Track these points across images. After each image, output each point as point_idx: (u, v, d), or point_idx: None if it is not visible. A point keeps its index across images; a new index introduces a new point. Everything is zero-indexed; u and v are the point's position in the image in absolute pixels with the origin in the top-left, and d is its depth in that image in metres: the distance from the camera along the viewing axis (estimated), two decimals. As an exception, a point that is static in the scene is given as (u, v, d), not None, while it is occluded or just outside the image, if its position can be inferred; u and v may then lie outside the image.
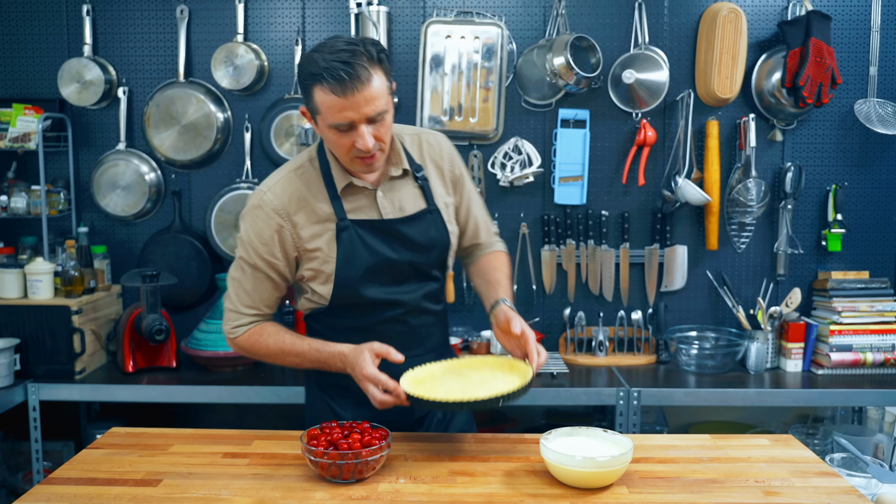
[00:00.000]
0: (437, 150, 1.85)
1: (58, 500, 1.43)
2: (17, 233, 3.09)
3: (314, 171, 1.75)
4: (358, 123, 1.58)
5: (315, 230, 1.72)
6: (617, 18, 3.01)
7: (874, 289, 2.94)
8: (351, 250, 1.71)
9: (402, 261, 1.75)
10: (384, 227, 1.73)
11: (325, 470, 1.47)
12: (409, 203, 1.77)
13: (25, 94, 3.11)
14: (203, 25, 3.07)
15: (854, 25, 3.01)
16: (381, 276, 1.74)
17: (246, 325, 1.79)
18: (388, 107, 1.61)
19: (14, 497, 2.92)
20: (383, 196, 1.75)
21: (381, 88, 1.58)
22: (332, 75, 1.53)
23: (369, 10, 2.92)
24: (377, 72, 1.57)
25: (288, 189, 1.73)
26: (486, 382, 1.61)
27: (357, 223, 1.72)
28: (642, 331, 3.04)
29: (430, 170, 1.83)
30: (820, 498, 1.42)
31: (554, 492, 1.45)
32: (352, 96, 1.54)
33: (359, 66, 1.53)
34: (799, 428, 3.01)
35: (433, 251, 1.79)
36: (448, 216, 1.82)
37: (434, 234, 1.78)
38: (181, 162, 3.08)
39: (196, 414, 3.22)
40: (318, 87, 1.56)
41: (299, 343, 1.76)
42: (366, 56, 1.55)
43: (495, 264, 1.91)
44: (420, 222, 1.77)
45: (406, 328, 1.79)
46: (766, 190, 2.95)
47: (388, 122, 1.64)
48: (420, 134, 1.86)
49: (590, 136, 3.00)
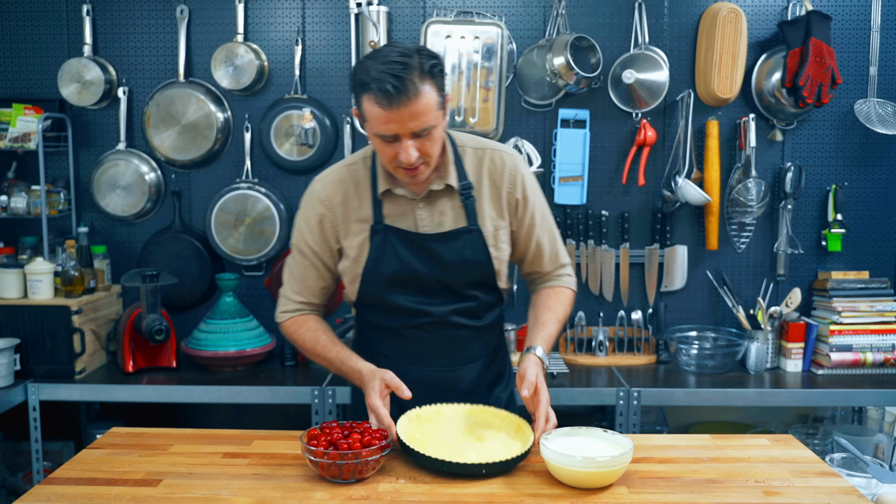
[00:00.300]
0: (500, 170, 1.76)
1: (58, 500, 1.42)
2: (17, 233, 3.09)
3: (364, 170, 1.76)
4: (402, 137, 1.57)
5: (353, 228, 1.75)
6: (617, 18, 3.01)
7: (874, 289, 2.94)
8: (380, 255, 1.72)
9: (429, 276, 1.73)
10: (416, 240, 1.72)
11: (325, 470, 1.47)
12: (448, 219, 1.73)
13: (25, 94, 3.11)
14: (203, 25, 3.07)
15: (854, 25, 3.01)
16: (407, 286, 1.74)
17: (291, 313, 1.84)
18: (436, 122, 1.58)
19: (14, 497, 2.92)
20: (423, 208, 1.73)
21: (429, 104, 1.55)
22: (379, 87, 1.51)
23: (369, 10, 2.92)
24: (427, 86, 1.54)
25: (336, 183, 1.76)
26: (484, 440, 1.56)
27: (392, 230, 1.72)
28: (642, 331, 3.04)
29: (484, 189, 1.76)
30: (820, 498, 1.42)
31: (554, 492, 1.45)
32: (397, 110, 1.52)
33: (408, 80, 1.51)
34: (799, 428, 3.01)
35: (465, 271, 1.74)
36: (495, 239, 1.76)
37: (468, 255, 1.73)
38: (181, 162, 3.08)
39: (196, 414, 3.22)
40: (366, 96, 1.55)
41: (330, 348, 1.78)
42: (417, 70, 1.52)
43: (551, 303, 1.83)
44: (455, 241, 1.73)
45: (432, 337, 1.77)
46: (766, 190, 2.95)
47: (436, 137, 1.61)
48: (487, 150, 1.78)
49: (590, 136, 3.00)
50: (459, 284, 1.75)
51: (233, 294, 2.95)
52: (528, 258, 1.85)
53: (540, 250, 1.84)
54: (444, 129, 1.66)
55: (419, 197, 1.72)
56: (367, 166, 1.76)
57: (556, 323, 1.80)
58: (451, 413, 1.65)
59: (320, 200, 1.76)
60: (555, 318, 1.80)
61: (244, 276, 3.14)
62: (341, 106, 3.08)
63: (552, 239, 1.86)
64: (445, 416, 1.64)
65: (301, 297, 1.83)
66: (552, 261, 1.87)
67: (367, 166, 1.76)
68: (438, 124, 1.61)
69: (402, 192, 1.73)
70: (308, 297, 1.84)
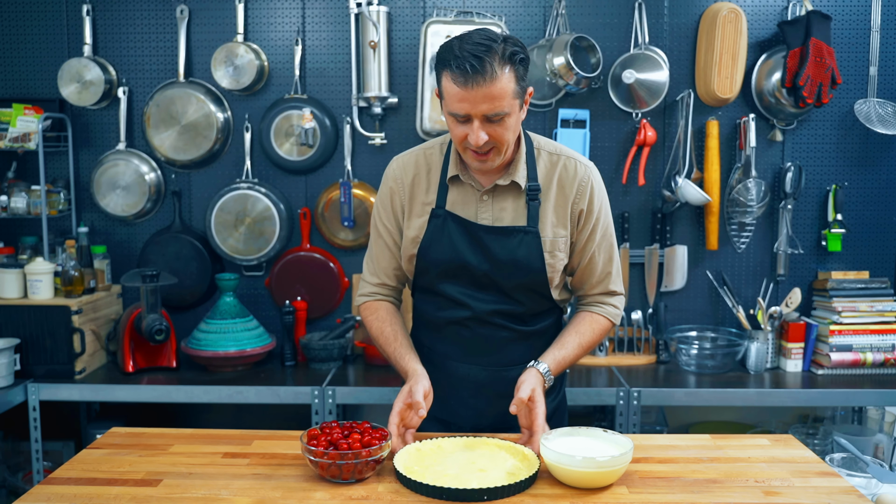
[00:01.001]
0: (571, 177, 1.75)
1: (58, 500, 1.42)
2: (17, 233, 3.09)
3: (439, 155, 1.79)
4: (474, 118, 1.58)
5: (417, 209, 1.77)
6: (617, 18, 3.01)
7: (874, 289, 2.94)
8: (435, 240, 1.74)
9: (478, 269, 1.73)
10: (472, 231, 1.73)
11: (325, 470, 1.47)
12: (508, 216, 1.73)
13: (25, 94, 3.11)
14: (203, 25, 3.07)
15: (854, 25, 3.01)
16: (457, 276, 1.75)
17: (367, 296, 1.88)
18: (510, 109, 1.59)
19: (14, 497, 2.92)
20: (486, 201, 1.74)
21: (505, 89, 1.56)
22: (458, 65, 1.54)
23: (369, 10, 2.92)
24: (506, 72, 1.55)
25: (410, 163, 1.80)
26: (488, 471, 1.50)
27: (451, 216, 1.74)
28: (642, 331, 3.04)
29: (552, 194, 1.75)
30: (820, 498, 1.42)
31: (554, 492, 1.45)
32: (472, 90, 1.54)
33: (488, 62, 1.53)
34: (799, 428, 3.01)
35: (516, 272, 1.73)
36: (552, 246, 1.74)
37: (521, 256, 1.72)
38: (181, 162, 3.08)
39: (196, 414, 3.22)
40: (445, 73, 1.58)
41: (391, 342, 1.79)
42: (499, 55, 1.54)
43: (582, 328, 1.80)
44: (510, 238, 1.72)
45: (472, 334, 1.78)
46: (766, 190, 2.95)
47: (508, 125, 1.61)
48: (563, 157, 1.77)
49: (590, 136, 3.00)
50: (507, 284, 1.74)
51: (233, 294, 2.95)
52: (577, 271, 1.83)
53: (592, 267, 1.81)
54: (520, 119, 1.66)
55: (484, 189, 1.74)
56: (443, 152, 1.79)
57: (578, 348, 1.77)
58: (452, 446, 1.61)
59: (393, 178, 1.81)
60: (577, 343, 1.77)
61: (244, 276, 3.14)
62: (341, 106, 3.08)
63: (608, 261, 1.82)
64: (447, 449, 1.60)
65: (376, 277, 1.86)
66: (601, 283, 1.83)
67: (443, 152, 1.79)
68: (513, 112, 1.61)
69: (469, 181, 1.74)
70: (382, 278, 1.86)
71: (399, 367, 1.76)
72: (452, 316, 1.78)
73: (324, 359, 2.90)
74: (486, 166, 1.67)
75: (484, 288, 1.76)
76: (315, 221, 3.11)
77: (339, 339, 2.93)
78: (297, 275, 3.09)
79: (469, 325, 1.78)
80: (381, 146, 3.06)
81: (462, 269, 1.74)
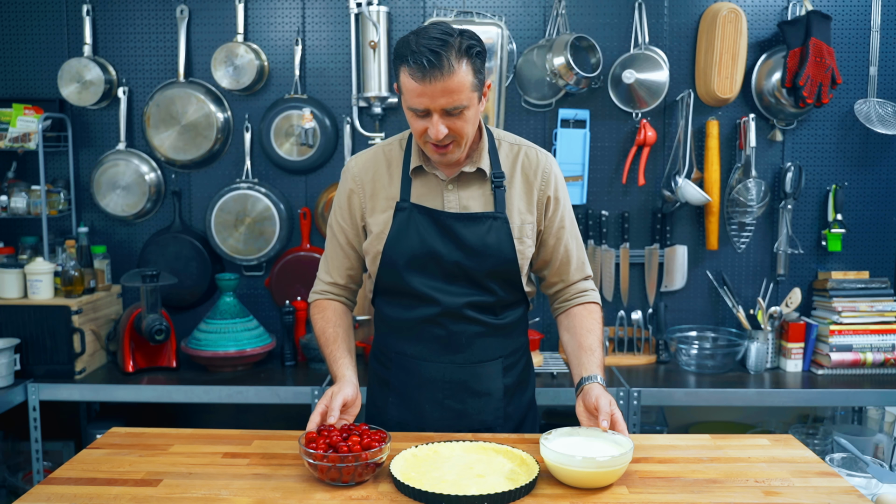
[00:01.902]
0: (534, 166, 1.78)
1: (58, 500, 1.42)
2: (17, 233, 3.10)
3: (399, 150, 1.79)
4: (433, 112, 1.60)
5: (380, 205, 1.76)
6: (617, 18, 3.01)
7: (874, 289, 2.94)
8: (402, 233, 1.73)
9: (449, 259, 1.72)
10: (440, 220, 1.72)
11: (325, 473, 1.45)
12: (475, 203, 1.74)
13: (25, 94, 3.11)
14: (203, 25, 3.07)
15: (854, 25, 3.01)
16: (426, 268, 1.74)
17: (318, 294, 1.88)
18: (469, 102, 1.60)
19: (14, 497, 2.92)
20: (452, 189, 1.74)
21: (462, 83, 1.57)
22: (416, 60, 1.55)
23: (369, 10, 2.92)
24: (464, 66, 1.57)
25: (370, 161, 1.80)
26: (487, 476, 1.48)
27: (417, 208, 1.73)
28: (642, 331, 3.04)
29: (516, 182, 1.77)
30: (820, 498, 1.42)
31: (554, 492, 1.45)
32: (430, 84, 1.56)
33: (444, 56, 1.54)
34: (799, 428, 3.01)
35: (487, 258, 1.72)
36: (520, 232, 1.75)
37: (491, 242, 1.72)
38: (181, 162, 3.08)
39: (196, 414, 3.22)
40: (403, 69, 1.59)
41: (330, 343, 1.80)
42: (455, 49, 1.55)
43: (589, 325, 1.80)
44: (479, 225, 1.72)
45: (445, 332, 1.75)
46: (766, 190, 2.95)
47: (469, 118, 1.63)
48: (523, 147, 1.80)
49: (590, 136, 3.00)
50: (479, 272, 1.73)
51: (233, 294, 2.95)
52: (554, 264, 1.83)
53: (568, 256, 1.83)
54: (479, 112, 1.67)
55: (449, 178, 1.74)
56: (402, 146, 1.79)
57: (601, 347, 1.77)
58: (449, 451, 1.59)
59: (352, 177, 1.80)
60: (597, 342, 1.77)
61: (244, 276, 3.14)
62: (341, 106, 3.08)
63: (579, 247, 1.86)
64: (443, 454, 1.58)
65: (328, 276, 1.87)
66: (579, 269, 1.85)
67: (402, 146, 1.79)
68: (472, 105, 1.62)
69: (433, 171, 1.74)
70: (335, 277, 1.86)
71: (332, 370, 1.77)
72: (422, 314, 1.76)
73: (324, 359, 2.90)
74: (447, 159, 1.68)
75: (454, 279, 1.74)
76: (315, 221, 3.11)
77: (339, 339, 2.93)
78: (297, 275, 3.09)
79: (440, 321, 1.75)
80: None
81: (431, 261, 1.73)
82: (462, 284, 1.74)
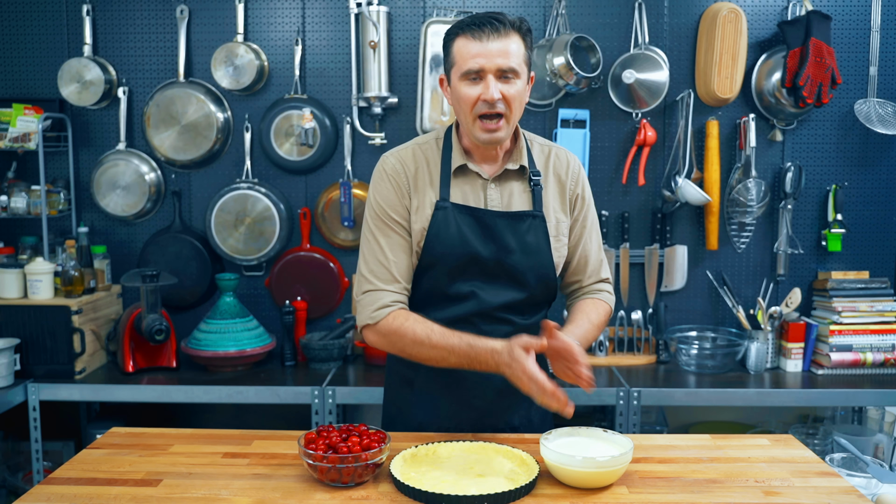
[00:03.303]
0: (564, 164, 1.81)
1: (58, 500, 1.42)
2: (17, 233, 3.10)
3: (436, 149, 1.78)
4: (487, 72, 1.63)
5: (419, 202, 1.74)
6: (617, 18, 3.01)
7: (874, 289, 2.94)
8: (441, 232, 1.70)
9: (490, 258, 1.71)
10: (483, 218, 1.72)
11: (325, 474, 1.45)
12: (517, 202, 1.75)
13: (25, 94, 3.11)
14: (203, 25, 3.07)
15: (854, 25, 3.01)
16: (466, 269, 1.72)
17: (390, 307, 1.68)
18: (520, 70, 1.66)
19: (14, 497, 2.92)
20: (494, 189, 1.75)
21: (516, 49, 1.65)
22: (473, 23, 1.64)
23: (369, 10, 2.92)
24: (516, 35, 1.65)
25: (408, 157, 1.78)
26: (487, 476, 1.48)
27: (458, 207, 1.73)
28: (642, 331, 3.04)
29: (550, 181, 1.79)
30: (820, 498, 1.42)
31: (554, 492, 1.45)
32: (487, 43, 1.62)
33: (499, 22, 1.63)
34: (799, 428, 3.01)
35: (525, 257, 1.72)
36: (556, 230, 1.77)
37: (531, 241, 1.73)
38: (181, 162, 3.08)
39: (196, 414, 3.22)
40: (458, 38, 1.66)
41: (450, 336, 1.62)
42: (508, 21, 1.65)
43: (587, 309, 1.79)
44: (520, 223, 1.73)
45: (476, 331, 1.68)
46: (766, 190, 2.95)
47: (519, 89, 1.67)
48: (553, 147, 1.84)
49: (590, 136, 3.00)
50: (518, 272, 1.73)
51: (233, 294, 2.95)
52: (573, 264, 1.84)
53: (586, 257, 1.84)
54: (526, 92, 1.71)
55: (492, 177, 1.74)
56: (439, 146, 1.78)
57: (590, 325, 1.75)
58: (448, 451, 1.59)
59: (394, 172, 1.75)
60: (588, 321, 1.75)
61: (244, 276, 3.14)
62: (341, 106, 3.08)
63: (599, 250, 1.87)
64: (443, 454, 1.58)
65: (395, 283, 1.70)
66: (595, 272, 1.86)
67: (439, 146, 1.78)
68: (523, 77, 1.67)
69: (476, 169, 1.74)
70: (402, 281, 1.71)
71: (479, 348, 1.59)
72: (455, 314, 1.73)
73: (324, 359, 2.90)
74: (496, 137, 1.67)
75: (493, 279, 1.73)
76: (315, 221, 3.11)
77: (339, 339, 2.93)
78: (297, 275, 3.09)
79: (473, 320, 1.73)
80: (381, 146, 3.06)
81: (470, 260, 1.72)
82: (500, 284, 1.74)
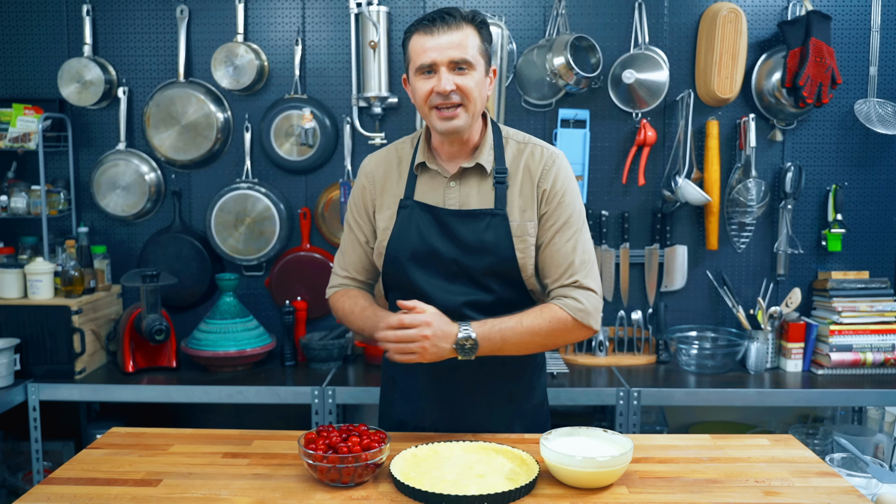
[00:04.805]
0: (538, 162, 1.73)
1: (58, 500, 1.43)
2: (17, 233, 3.09)
3: (409, 148, 1.82)
4: (440, 64, 1.63)
5: (387, 202, 1.79)
6: (617, 18, 3.01)
7: (874, 289, 2.94)
8: (404, 230, 1.75)
9: (447, 256, 1.71)
10: (439, 217, 1.73)
11: (325, 474, 1.46)
12: (475, 200, 1.73)
13: (25, 94, 3.11)
14: (203, 25, 3.07)
15: (854, 25, 3.01)
16: (428, 266, 1.73)
17: (336, 287, 1.90)
18: (475, 62, 1.65)
19: (14, 497, 2.92)
20: (453, 187, 1.75)
21: (468, 41, 1.64)
22: (425, 19, 1.65)
23: (369, 10, 2.92)
24: (469, 28, 1.65)
25: (382, 159, 1.84)
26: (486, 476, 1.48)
27: (419, 205, 1.75)
28: (642, 331, 3.04)
29: (518, 179, 1.73)
30: (820, 498, 1.42)
31: (554, 492, 1.45)
32: (438, 36, 1.63)
33: (450, 16, 1.64)
34: (799, 428, 3.01)
35: (484, 255, 1.70)
36: (521, 230, 1.70)
37: (489, 239, 1.69)
38: (181, 162, 3.08)
39: (196, 414, 3.22)
40: (413, 36, 1.67)
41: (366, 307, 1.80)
42: (461, 14, 1.66)
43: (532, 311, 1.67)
44: (477, 221, 1.71)
45: None
46: (766, 190, 2.95)
47: (475, 80, 1.66)
48: (531, 144, 1.77)
49: (590, 136, 3.00)
50: (477, 270, 1.71)
51: (233, 294, 2.95)
52: (540, 264, 1.73)
53: (552, 252, 1.70)
54: (485, 85, 1.70)
55: (451, 175, 1.75)
56: (413, 144, 1.81)
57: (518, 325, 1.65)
58: (448, 451, 1.59)
59: (365, 174, 1.84)
60: (517, 322, 1.65)
61: (244, 276, 3.14)
62: (341, 106, 3.08)
63: (572, 250, 1.70)
64: (443, 454, 1.58)
65: (345, 271, 1.89)
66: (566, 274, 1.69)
67: (413, 144, 1.81)
68: (478, 67, 1.66)
69: (436, 167, 1.75)
70: (351, 272, 1.88)
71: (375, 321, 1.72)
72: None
73: (324, 359, 2.90)
74: (453, 125, 1.66)
75: (454, 278, 1.73)
76: (315, 221, 3.11)
77: (339, 339, 2.93)
78: (297, 275, 3.09)
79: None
80: (382, 146, 3.05)
81: (431, 258, 1.72)
82: (461, 283, 1.73)
